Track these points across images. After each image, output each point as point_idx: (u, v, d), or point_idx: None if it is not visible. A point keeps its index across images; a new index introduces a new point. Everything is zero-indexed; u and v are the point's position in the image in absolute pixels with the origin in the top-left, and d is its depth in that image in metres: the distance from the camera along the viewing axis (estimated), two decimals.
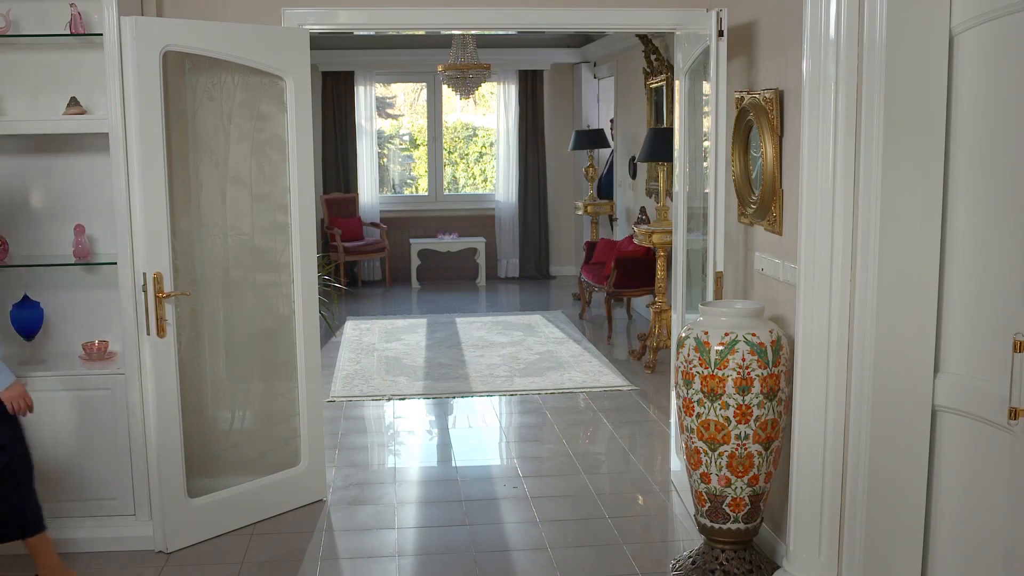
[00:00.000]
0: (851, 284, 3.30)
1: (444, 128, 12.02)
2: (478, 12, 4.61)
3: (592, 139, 10.29)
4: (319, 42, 6.11)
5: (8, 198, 4.34)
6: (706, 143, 4.33)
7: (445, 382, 7.08)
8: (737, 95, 4.26)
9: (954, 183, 3.15)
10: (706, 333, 3.69)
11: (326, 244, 10.77)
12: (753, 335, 3.64)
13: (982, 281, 3.04)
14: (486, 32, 9.34)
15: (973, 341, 3.09)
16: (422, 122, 12.13)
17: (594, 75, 11.43)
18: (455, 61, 9.40)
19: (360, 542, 4.35)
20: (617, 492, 4.91)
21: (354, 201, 11.35)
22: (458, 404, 6.59)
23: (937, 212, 3.18)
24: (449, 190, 12.17)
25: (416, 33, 9.80)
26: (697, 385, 3.68)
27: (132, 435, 4.12)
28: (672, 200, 5.18)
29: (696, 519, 3.91)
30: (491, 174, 12.32)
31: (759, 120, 3.97)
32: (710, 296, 4.23)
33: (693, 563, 3.88)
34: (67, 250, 4.30)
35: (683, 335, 3.83)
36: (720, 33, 4.08)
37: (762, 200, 4.02)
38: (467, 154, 12.61)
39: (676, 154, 4.86)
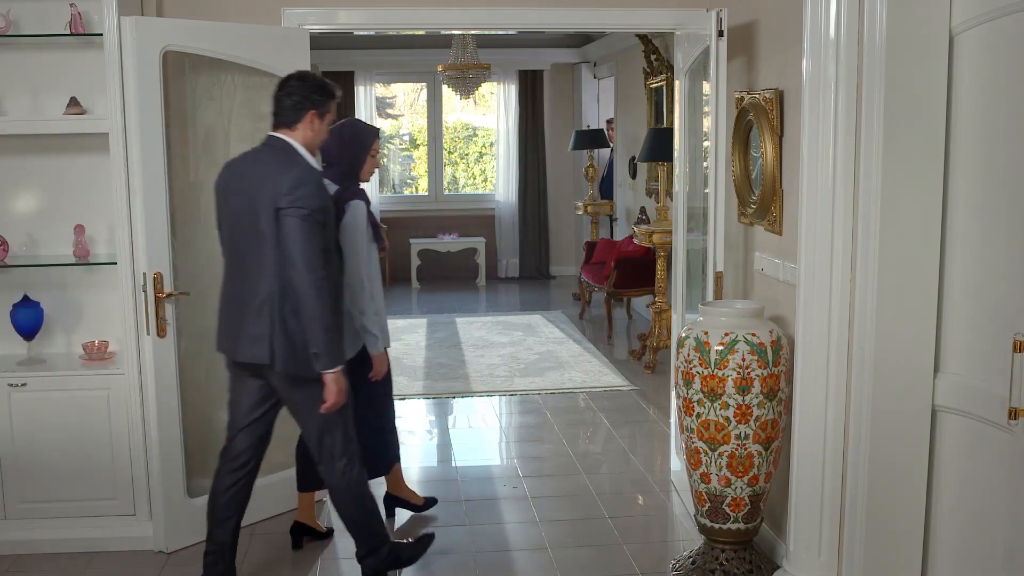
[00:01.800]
0: (851, 284, 3.30)
1: (444, 128, 12.02)
2: (478, 12, 4.61)
3: (592, 139, 10.30)
4: (319, 42, 6.10)
5: (8, 198, 4.34)
6: (706, 143, 4.33)
7: (445, 382, 7.08)
8: (737, 95, 4.26)
9: (954, 183, 3.15)
10: (706, 333, 3.69)
11: None
12: (753, 335, 3.64)
13: (982, 281, 3.04)
14: (486, 32, 9.34)
15: (973, 341, 3.09)
16: (422, 122, 12.13)
17: (594, 75, 11.43)
18: (455, 61, 9.40)
19: None
20: (617, 492, 4.91)
21: None
22: (458, 404, 6.59)
23: (937, 212, 3.18)
24: (449, 190, 12.18)
25: (416, 33, 9.80)
26: (697, 385, 3.68)
27: (132, 435, 4.12)
28: (672, 200, 5.18)
29: (696, 519, 3.91)
30: (491, 174, 12.33)
31: (759, 120, 3.97)
32: (710, 296, 4.23)
33: (693, 563, 3.88)
34: (67, 250, 4.30)
35: (683, 335, 3.83)
36: (720, 33, 4.08)
37: (762, 200, 4.02)
38: (467, 154, 12.61)
39: (676, 154, 4.86)
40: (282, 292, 3.42)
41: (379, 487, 4.46)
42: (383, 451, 4.37)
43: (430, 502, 4.66)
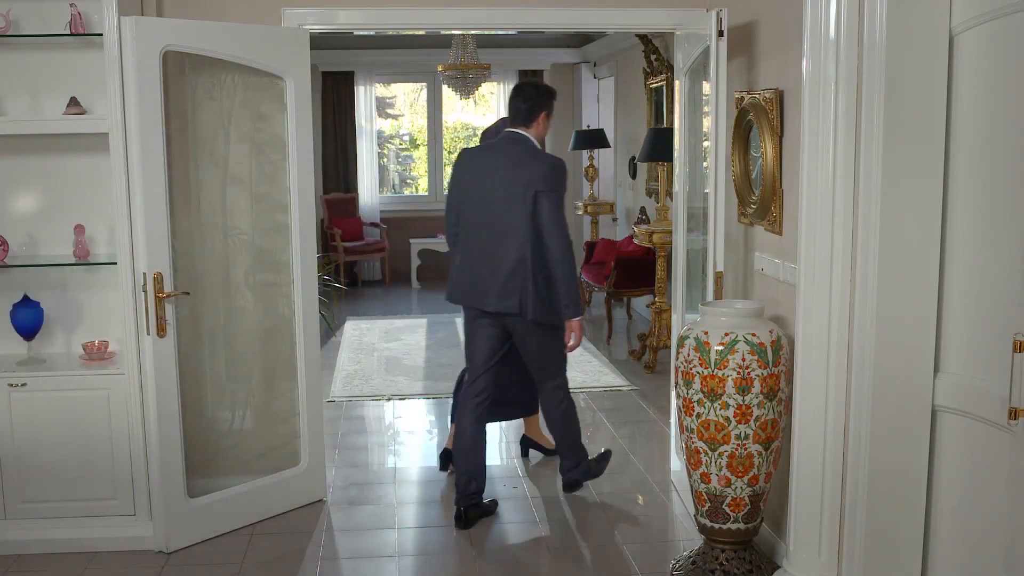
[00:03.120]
0: (851, 284, 3.30)
1: (444, 128, 12.02)
2: (478, 12, 4.61)
3: (592, 139, 10.30)
4: (319, 42, 6.11)
5: (8, 198, 4.34)
6: (706, 143, 4.33)
7: (445, 382, 7.06)
8: (737, 95, 4.26)
9: (954, 183, 3.15)
10: (706, 333, 3.69)
11: (326, 244, 10.77)
12: (753, 335, 3.64)
13: (982, 281, 3.04)
14: (486, 32, 9.34)
15: (973, 341, 3.09)
16: (422, 122, 12.13)
17: (594, 75, 11.43)
18: (455, 61, 9.40)
19: (360, 542, 4.35)
20: (617, 492, 4.91)
21: (354, 201, 11.35)
22: None
23: (937, 212, 3.18)
24: None
25: (416, 33, 9.80)
26: (697, 385, 3.68)
27: (132, 435, 4.12)
28: (672, 200, 5.18)
29: (696, 519, 3.91)
30: None
31: (759, 120, 3.97)
32: (710, 296, 4.23)
33: (693, 563, 3.88)
34: (67, 250, 4.30)
35: (683, 335, 3.83)
36: (720, 33, 4.08)
37: (762, 200, 4.02)
38: None
39: (676, 154, 4.86)
40: (533, 256, 4.26)
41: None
42: (532, 399, 5.06)
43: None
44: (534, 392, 4.95)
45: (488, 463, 5.50)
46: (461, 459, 4.53)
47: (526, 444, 5.41)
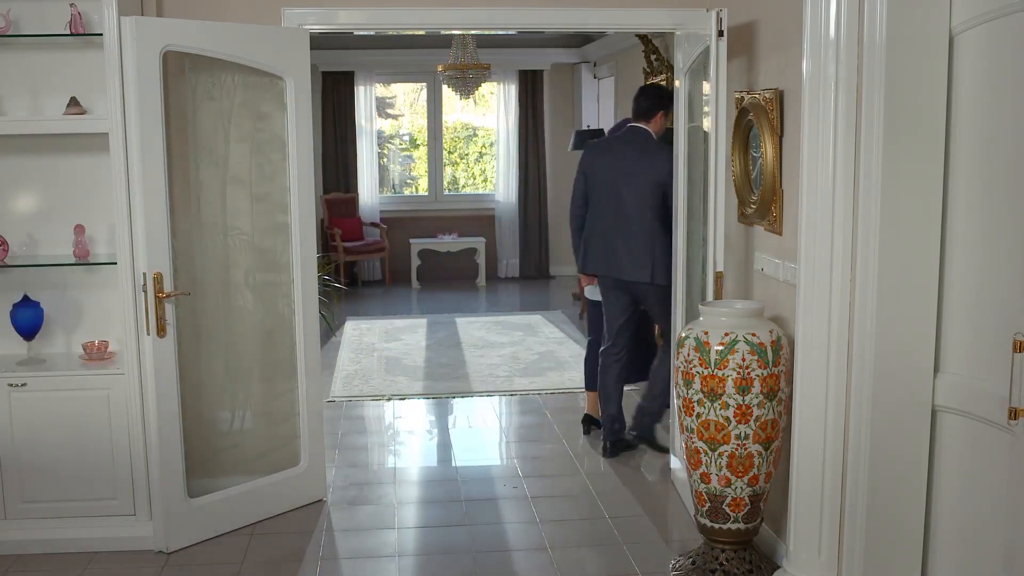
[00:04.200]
0: (851, 284, 3.30)
1: (444, 128, 12.02)
2: (478, 12, 4.61)
3: (592, 139, 10.27)
4: (319, 42, 6.11)
5: (8, 198, 4.34)
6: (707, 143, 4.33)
7: (445, 382, 7.08)
8: (737, 95, 4.26)
9: (954, 183, 3.15)
10: (706, 333, 3.69)
11: (326, 244, 10.77)
12: (753, 335, 3.64)
13: (982, 281, 3.04)
14: (486, 32, 9.34)
15: (973, 341, 3.09)
16: (422, 122, 12.13)
17: (594, 75, 11.42)
18: (455, 61, 9.40)
19: (360, 542, 4.35)
20: (617, 492, 4.91)
21: (354, 201, 11.35)
22: (458, 404, 6.59)
23: (937, 212, 3.18)
24: (449, 190, 12.17)
25: (416, 33, 9.80)
26: (697, 385, 3.68)
27: (132, 435, 4.12)
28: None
29: (696, 519, 3.91)
30: (491, 174, 12.33)
31: (759, 120, 3.97)
32: (710, 296, 4.23)
33: (693, 563, 3.88)
34: (67, 250, 4.30)
35: (683, 335, 3.83)
36: (720, 33, 4.08)
37: (762, 200, 4.02)
38: (467, 154, 12.61)
39: (676, 154, 4.86)
40: (658, 233, 5.06)
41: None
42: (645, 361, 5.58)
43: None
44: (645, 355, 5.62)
45: (488, 463, 5.54)
46: (606, 407, 5.40)
47: (589, 422, 5.79)
